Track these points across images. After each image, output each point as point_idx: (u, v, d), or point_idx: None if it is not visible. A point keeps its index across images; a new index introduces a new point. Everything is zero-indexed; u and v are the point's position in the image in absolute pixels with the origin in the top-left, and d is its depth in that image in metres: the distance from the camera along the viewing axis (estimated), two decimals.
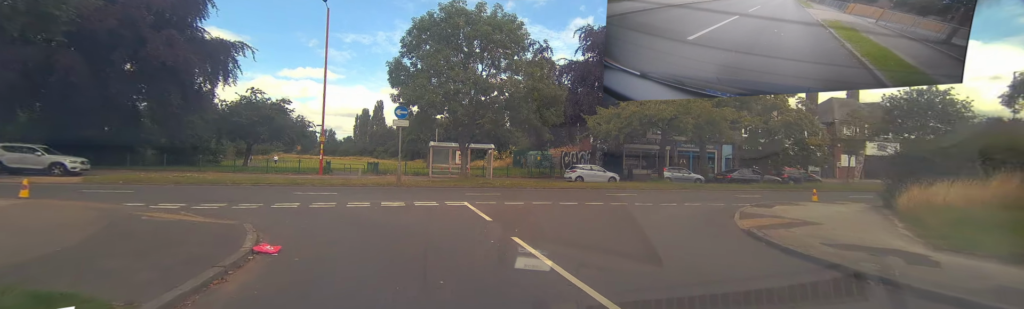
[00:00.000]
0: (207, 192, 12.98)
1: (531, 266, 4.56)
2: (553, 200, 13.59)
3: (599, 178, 26.95)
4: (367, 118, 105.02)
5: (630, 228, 8.61)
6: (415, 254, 5.77)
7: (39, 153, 18.89)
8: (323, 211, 9.74)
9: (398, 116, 17.25)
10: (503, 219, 8.97)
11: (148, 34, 22.99)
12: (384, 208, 10.50)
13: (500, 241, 6.69)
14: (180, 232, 6.46)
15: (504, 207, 11.25)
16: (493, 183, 18.73)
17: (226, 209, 9.65)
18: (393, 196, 13.39)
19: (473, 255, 5.95)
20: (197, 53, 25.29)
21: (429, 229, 7.96)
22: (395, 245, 6.44)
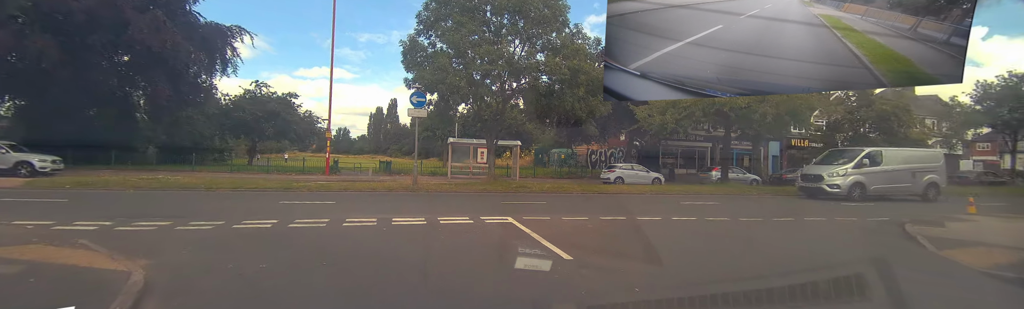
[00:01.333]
0: (165, 202, 9.98)
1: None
2: (619, 212, 10.29)
3: (641, 179, 23.54)
4: (381, 116, 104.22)
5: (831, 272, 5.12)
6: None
7: (3, 151, 16.20)
8: (303, 237, 6.58)
9: (414, 104, 14.06)
10: (591, 255, 5.66)
11: (131, 16, 20.16)
12: (397, 229, 7.29)
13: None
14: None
15: (567, 226, 7.97)
16: (529, 187, 15.45)
17: (162, 232, 6.55)
18: (409, 206, 10.24)
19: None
20: (189, 38, 22.45)
21: (482, 282, 4.60)
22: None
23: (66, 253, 4.88)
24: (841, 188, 14.37)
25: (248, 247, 5.78)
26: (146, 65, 22.07)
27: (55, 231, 6.29)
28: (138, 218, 7.49)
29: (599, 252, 5.87)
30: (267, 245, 5.90)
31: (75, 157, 21.16)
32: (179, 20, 22.92)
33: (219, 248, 5.64)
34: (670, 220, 9.11)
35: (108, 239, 5.95)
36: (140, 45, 20.23)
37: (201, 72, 25.19)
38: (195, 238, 6.20)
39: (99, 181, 12.19)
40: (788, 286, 4.03)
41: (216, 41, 24.49)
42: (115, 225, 6.85)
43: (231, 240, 6.16)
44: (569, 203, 12.05)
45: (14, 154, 16.20)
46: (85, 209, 8.40)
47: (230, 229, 6.86)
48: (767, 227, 9.08)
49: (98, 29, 19.68)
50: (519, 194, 13.86)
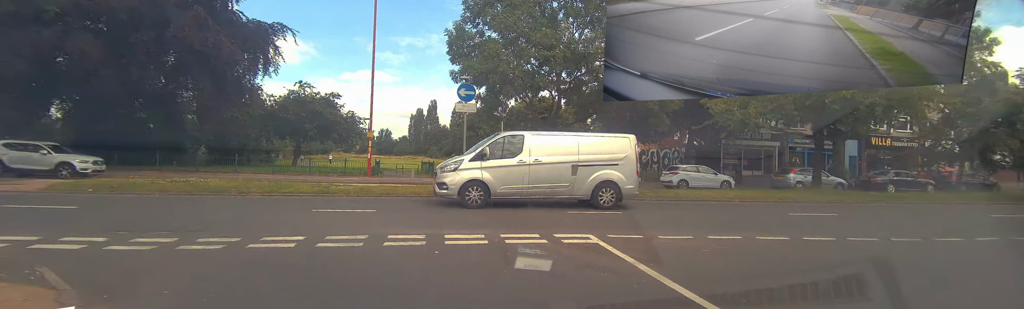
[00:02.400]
0: (185, 209, 8.74)
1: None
2: (722, 226, 8.25)
3: (708, 183, 21.09)
4: (421, 118, 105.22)
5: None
6: None
7: (45, 151, 15.84)
8: (332, 264, 4.98)
9: (462, 98, 12.44)
10: None
11: (173, 13, 19.71)
12: (453, 253, 5.58)
13: None
14: None
15: (673, 250, 6.04)
16: None
17: (157, 254, 5.12)
18: (461, 217, 8.57)
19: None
20: (231, 37, 21.90)
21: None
22: None
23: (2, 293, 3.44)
24: (449, 188, 9.81)
25: (255, 283, 4.21)
26: (189, 64, 21.69)
27: (28, 252, 4.97)
28: (142, 231, 6.16)
29: (757, 300, 3.91)
30: (282, 279, 4.31)
31: (122, 158, 21.01)
32: (221, 18, 22.46)
33: (215, 285, 4.09)
34: (804, 241, 6.98)
35: (84, 265, 4.57)
36: (182, 43, 19.77)
37: (244, 72, 24.71)
38: (193, 265, 4.73)
39: (126, 184, 11.23)
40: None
41: (258, 39, 23.93)
42: (108, 242, 5.49)
43: (237, 269, 4.63)
44: (649, 214, 10.07)
45: (56, 155, 15.82)
46: (90, 219, 7.22)
47: (242, 250, 5.35)
48: (923, 243, 6.82)
49: (140, 27, 19.33)
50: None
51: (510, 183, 9.93)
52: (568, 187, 10.15)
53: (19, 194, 9.73)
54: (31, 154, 15.66)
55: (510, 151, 10.13)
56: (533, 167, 9.98)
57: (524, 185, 9.97)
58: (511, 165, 9.96)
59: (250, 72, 25.03)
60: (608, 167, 10.31)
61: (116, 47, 19.30)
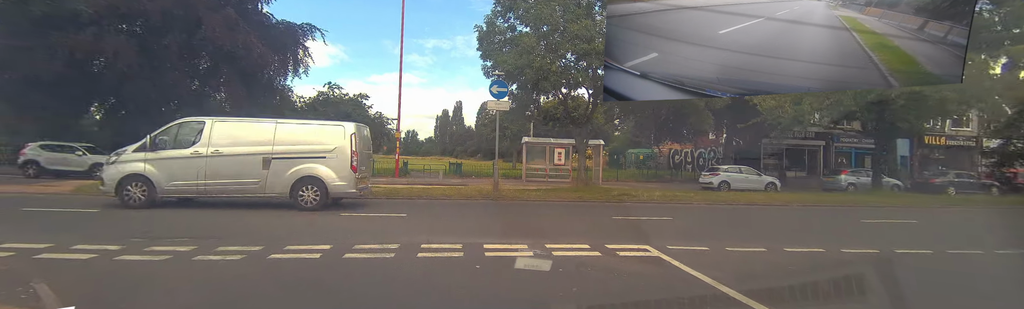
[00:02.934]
0: (209, 213, 8.32)
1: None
2: (793, 237, 7.32)
3: (752, 184, 19.85)
4: (446, 119, 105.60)
5: None
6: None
7: (80, 153, 15.99)
8: (362, 279, 4.38)
9: (494, 96, 11.78)
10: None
11: (204, 15, 19.74)
12: (496, 267, 4.90)
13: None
14: None
15: (749, 266, 5.20)
16: (632, 194, 12.62)
17: (171, 266, 4.61)
18: (498, 222, 7.92)
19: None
20: (261, 38, 21.87)
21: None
22: None
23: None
24: (105, 184, 8.29)
25: (272, 305, 3.60)
26: (220, 66, 21.76)
27: (33, 262, 4.53)
28: (160, 238, 5.72)
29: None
30: (303, 298, 3.70)
31: None
32: (251, 19, 22.46)
33: (228, 305, 3.51)
34: (897, 255, 6.01)
35: (88, 278, 4.09)
36: (213, 44, 19.78)
37: (275, 74, 24.71)
38: (208, 279, 4.19)
39: None
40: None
41: (287, 40, 23.86)
42: (121, 251, 5.03)
43: (255, 285, 4.07)
44: (704, 220, 9.19)
45: (90, 156, 15.93)
46: (108, 223, 6.86)
47: (263, 262, 4.79)
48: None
49: (173, 29, 19.41)
50: (627, 205, 11.11)
51: (182, 178, 8.33)
52: (258, 184, 8.51)
53: (46, 196, 9.59)
54: (66, 155, 15.83)
55: (186, 140, 8.56)
56: (211, 160, 8.34)
57: (199, 181, 8.37)
58: (183, 157, 8.37)
59: (280, 74, 25.02)
60: (312, 160, 8.68)
61: (149, 49, 19.44)
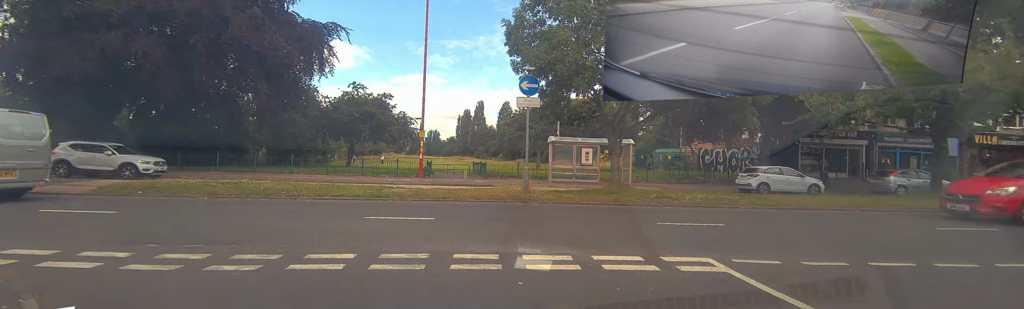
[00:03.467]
0: (229, 215, 7.95)
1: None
2: (870, 249, 6.47)
3: (794, 186, 18.71)
4: (468, 118, 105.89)
5: None
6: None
7: (109, 152, 16.05)
8: (391, 294, 3.83)
9: (524, 92, 11.15)
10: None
11: (231, 14, 19.73)
12: (539, 283, 4.29)
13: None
14: None
15: (839, 286, 4.44)
16: (672, 197, 11.81)
17: (180, 278, 4.14)
18: (533, 228, 7.27)
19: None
20: (287, 37, 21.80)
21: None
22: None
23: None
24: None
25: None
26: (247, 65, 21.77)
27: (32, 271, 4.12)
28: (174, 244, 5.29)
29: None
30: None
31: (185, 159, 21.38)
32: (277, 19, 22.44)
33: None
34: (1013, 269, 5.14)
35: (87, 292, 3.64)
36: (239, 44, 19.75)
37: (300, 73, 24.67)
38: (217, 295, 3.68)
39: (175, 186, 10.78)
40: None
41: (313, 40, 23.77)
42: (129, 259, 4.61)
43: (267, 305, 3.53)
44: (759, 227, 8.36)
45: (119, 156, 16.00)
46: (123, 227, 6.49)
47: (280, 274, 4.28)
48: None
49: (200, 29, 19.44)
50: (668, 209, 10.34)
51: None
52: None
53: (67, 197, 9.40)
54: (96, 155, 15.91)
55: None
56: None
57: None
58: None
59: (306, 73, 24.98)
60: None
61: (177, 49, 19.54)
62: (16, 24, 18.07)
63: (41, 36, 17.40)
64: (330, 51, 25.18)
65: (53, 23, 17.40)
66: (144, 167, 16.00)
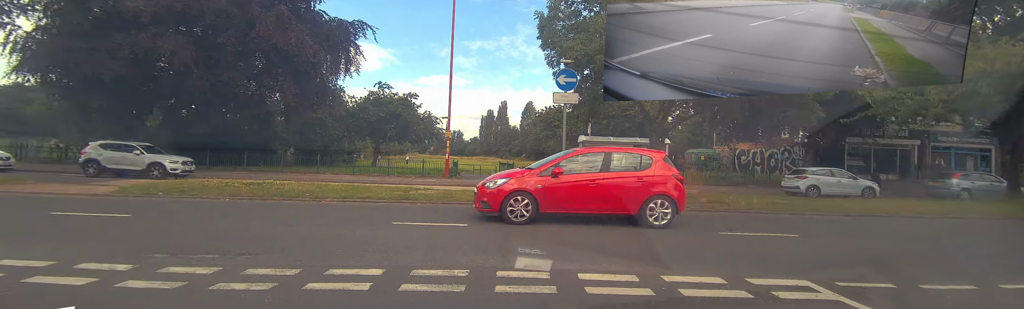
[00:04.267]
0: (249, 220, 7.40)
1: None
2: (1014, 266, 5.44)
3: (846, 189, 17.41)
4: (491, 119, 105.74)
5: None
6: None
7: (138, 152, 15.93)
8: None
9: (562, 87, 10.34)
10: None
11: (258, 13, 19.54)
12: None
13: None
14: None
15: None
16: (725, 202, 10.79)
17: (180, 298, 3.50)
18: (580, 238, 6.45)
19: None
20: (313, 36, 21.54)
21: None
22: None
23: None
24: None
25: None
26: (275, 65, 21.60)
27: (16, 287, 3.55)
28: (183, 253, 4.71)
29: None
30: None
31: (214, 158, 21.37)
32: (304, 17, 22.23)
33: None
34: None
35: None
36: (266, 43, 19.55)
37: (327, 73, 24.43)
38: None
39: (197, 187, 10.38)
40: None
41: (339, 38, 23.48)
42: (130, 273, 4.03)
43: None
44: (839, 238, 7.35)
45: (148, 155, 15.88)
46: (133, 233, 5.97)
47: (296, 295, 3.60)
48: None
49: (227, 28, 19.31)
50: (723, 215, 9.36)
51: None
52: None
53: (85, 198, 9.05)
54: (125, 154, 15.82)
55: None
56: None
57: None
58: None
59: (332, 72, 24.72)
60: None
61: (205, 48, 19.45)
62: (48, 25, 18.24)
63: (73, 36, 17.51)
64: (356, 50, 24.91)
65: (84, 23, 17.49)
66: (172, 167, 15.85)
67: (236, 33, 19.27)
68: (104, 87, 18.22)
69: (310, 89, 23.42)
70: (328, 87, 25.80)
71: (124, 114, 21.24)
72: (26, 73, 18.68)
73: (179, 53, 17.95)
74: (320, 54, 21.72)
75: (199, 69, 18.95)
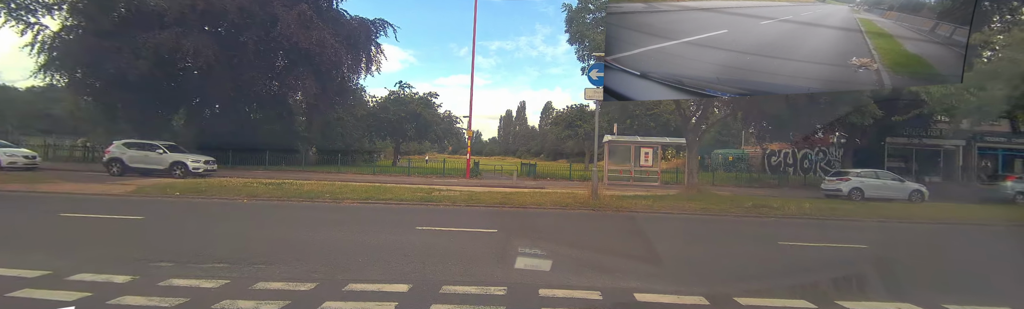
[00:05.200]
0: (263, 224, 6.96)
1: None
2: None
3: (892, 192, 16.33)
4: (510, 119, 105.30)
5: None
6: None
7: (161, 151, 15.84)
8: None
9: (593, 82, 9.69)
10: None
11: (280, 11, 19.35)
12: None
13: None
14: None
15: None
16: (772, 206, 9.96)
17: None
18: (628, 248, 5.83)
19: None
20: (335, 35, 21.29)
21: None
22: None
23: None
24: None
25: None
26: (296, 64, 21.42)
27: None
28: (190, 263, 4.28)
29: None
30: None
31: (235, 158, 21.33)
32: (325, 16, 22.00)
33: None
34: None
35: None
36: (288, 41, 19.35)
37: (348, 72, 24.21)
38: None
39: (215, 187, 10.06)
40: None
41: (360, 37, 23.20)
42: (125, 287, 3.58)
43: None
44: (914, 249, 6.54)
45: (171, 154, 15.78)
46: (140, 238, 5.58)
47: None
48: None
49: (250, 26, 19.17)
50: (772, 221, 8.58)
51: None
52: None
53: (100, 198, 8.79)
54: (148, 153, 15.75)
55: None
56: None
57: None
58: None
59: (353, 71, 24.47)
60: None
61: (228, 47, 19.35)
62: (74, 25, 18.35)
63: (97, 35, 17.56)
64: (377, 49, 24.60)
65: (108, 22, 17.53)
66: (194, 166, 15.72)
67: (258, 32, 19.10)
68: (129, 86, 18.24)
69: (331, 88, 23.22)
70: (349, 86, 25.60)
71: (150, 113, 21.33)
72: (53, 72, 18.84)
73: (202, 52, 17.85)
74: (341, 53, 21.47)
75: (222, 68, 18.85)
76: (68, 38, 18.19)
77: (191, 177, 14.70)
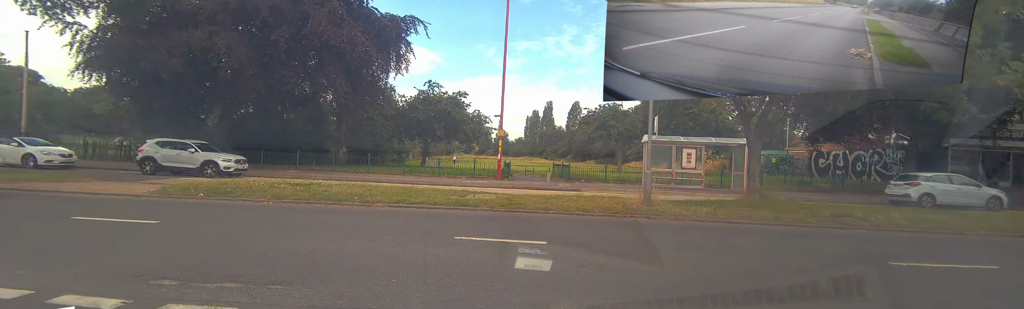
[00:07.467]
0: (286, 231, 6.30)
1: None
2: None
3: (968, 199, 14.78)
4: (537, 119, 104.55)
5: None
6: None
7: (193, 150, 15.70)
8: None
9: None
10: None
11: (310, 9, 19.08)
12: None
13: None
14: None
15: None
16: (855, 215, 8.70)
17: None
18: (702, 268, 4.94)
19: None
20: (365, 33, 20.92)
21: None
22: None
23: None
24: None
25: None
26: (327, 63, 21.14)
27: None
28: (197, 280, 3.59)
29: None
30: None
31: (267, 157, 21.25)
32: (356, 14, 21.68)
33: None
34: None
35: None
36: (318, 39, 19.06)
37: (378, 71, 23.86)
38: None
39: (240, 189, 9.55)
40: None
41: (390, 35, 22.79)
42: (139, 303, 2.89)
43: None
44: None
45: (202, 153, 15.62)
46: (151, 245, 4.97)
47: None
48: None
49: (281, 24, 18.94)
50: (861, 234, 7.42)
51: None
52: None
53: (120, 199, 8.38)
54: (181, 152, 15.63)
55: None
56: None
57: None
58: None
59: (383, 70, 24.13)
60: None
61: (259, 46, 19.20)
62: (110, 24, 18.48)
63: (132, 34, 17.61)
64: (407, 47, 24.17)
65: (142, 21, 17.56)
66: (225, 165, 15.51)
67: (289, 29, 18.86)
68: (163, 85, 18.26)
69: (362, 87, 22.93)
70: (379, 85, 25.32)
71: (184, 113, 21.43)
72: (91, 71, 19.05)
73: (234, 50, 17.69)
74: (371, 51, 21.09)
75: (254, 67, 18.68)
76: (105, 37, 18.34)
77: (222, 176, 14.45)
